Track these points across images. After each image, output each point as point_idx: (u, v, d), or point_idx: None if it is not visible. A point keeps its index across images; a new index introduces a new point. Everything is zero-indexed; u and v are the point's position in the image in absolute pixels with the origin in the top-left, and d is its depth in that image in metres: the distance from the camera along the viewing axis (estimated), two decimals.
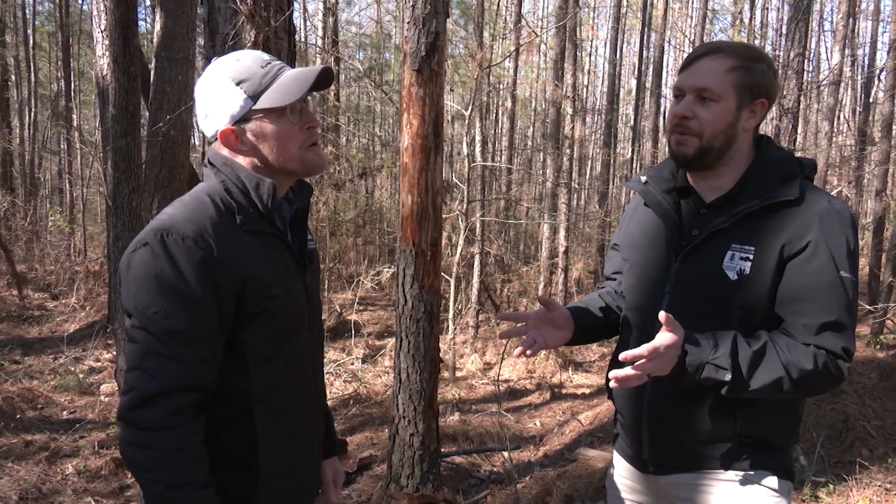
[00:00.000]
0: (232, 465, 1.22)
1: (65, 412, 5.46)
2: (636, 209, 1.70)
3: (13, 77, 17.42)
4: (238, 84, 1.20)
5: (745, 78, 1.42)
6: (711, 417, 1.43)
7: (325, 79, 1.26)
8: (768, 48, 15.26)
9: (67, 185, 18.14)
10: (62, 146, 18.46)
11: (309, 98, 1.30)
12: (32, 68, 16.84)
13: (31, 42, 16.84)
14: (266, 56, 1.26)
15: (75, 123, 17.39)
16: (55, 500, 3.84)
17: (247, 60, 1.23)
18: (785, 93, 6.08)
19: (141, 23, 19.89)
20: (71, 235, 14.55)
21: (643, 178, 1.62)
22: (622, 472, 1.69)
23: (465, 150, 6.86)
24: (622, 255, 1.70)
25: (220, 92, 1.21)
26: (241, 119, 1.21)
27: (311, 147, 1.27)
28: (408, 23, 3.41)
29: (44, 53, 20.60)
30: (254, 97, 1.20)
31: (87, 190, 16.64)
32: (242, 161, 1.25)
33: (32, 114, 16.63)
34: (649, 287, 1.55)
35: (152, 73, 5.69)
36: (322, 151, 1.31)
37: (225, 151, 1.26)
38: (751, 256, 1.39)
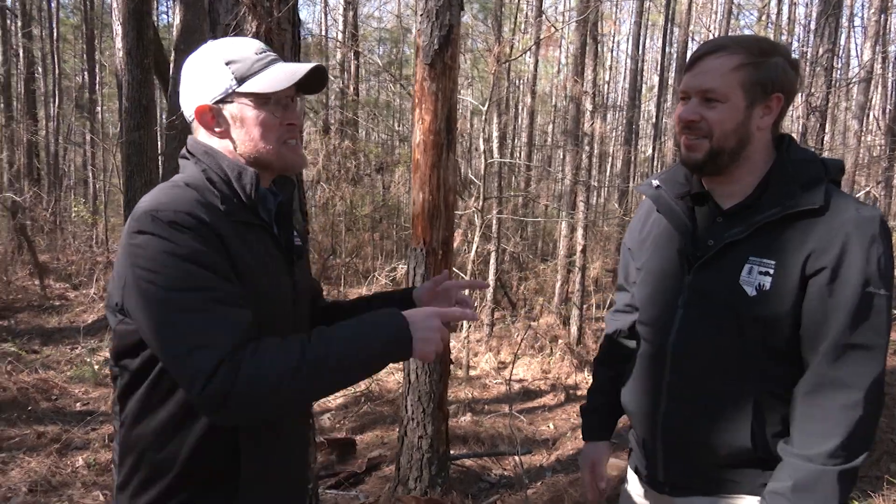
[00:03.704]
0: (212, 480, 1.16)
1: (78, 404, 5.48)
2: (648, 214, 1.60)
3: (39, 69, 17.67)
4: (227, 64, 1.18)
5: (753, 75, 1.31)
6: (730, 439, 1.34)
7: (317, 80, 1.23)
8: (795, 45, 14.92)
9: (91, 177, 18.38)
10: (86, 137, 18.69)
11: (298, 100, 1.27)
12: (56, 60, 17.03)
13: (56, 34, 17.03)
14: (264, 46, 1.23)
15: (99, 115, 17.58)
16: (64, 492, 3.83)
17: (242, 44, 1.21)
18: (813, 90, 5.90)
19: (164, 17, 20.09)
20: (93, 226, 14.71)
21: (655, 183, 1.52)
22: (636, 490, 1.62)
23: (482, 146, 6.76)
24: (636, 264, 1.61)
25: (207, 70, 1.19)
26: (222, 99, 1.18)
27: (288, 143, 1.22)
28: (420, 15, 3.33)
29: (69, 46, 20.85)
30: (240, 80, 1.18)
31: (109, 181, 16.82)
32: (221, 148, 1.22)
33: (56, 106, 16.83)
34: (662, 300, 1.46)
35: (171, 66, 5.68)
36: (301, 150, 1.25)
37: (204, 138, 1.23)
38: (771, 271, 1.28)
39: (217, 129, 1.21)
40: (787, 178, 1.33)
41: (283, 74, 1.17)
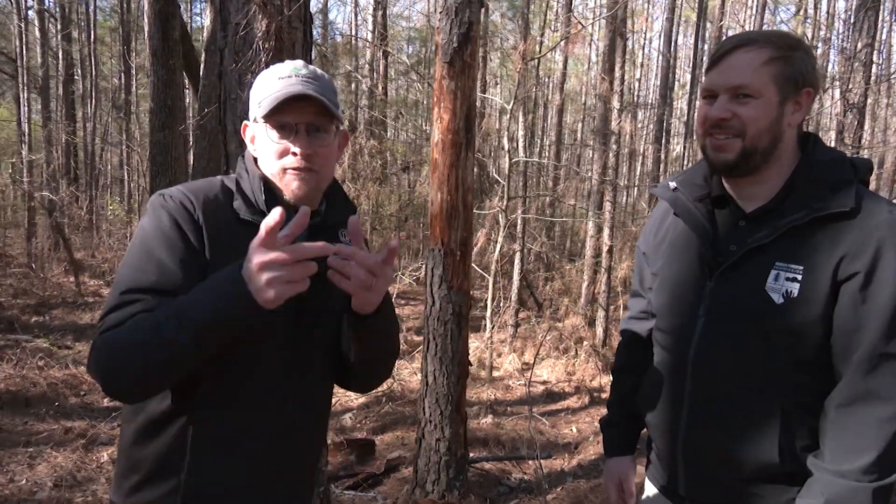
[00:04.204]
0: (156, 474, 1.16)
1: (105, 399, 5.57)
2: (664, 217, 1.53)
3: (79, 71, 18.11)
4: (260, 87, 1.24)
5: (785, 69, 1.25)
6: (756, 453, 1.27)
7: (318, 108, 1.19)
8: (835, 40, 14.46)
9: (126, 176, 18.79)
10: (123, 137, 19.11)
11: (327, 128, 1.21)
12: (93, 62, 17.43)
13: (93, 37, 17.43)
14: (301, 70, 1.22)
15: (134, 116, 17.96)
16: (88, 488, 3.89)
17: (280, 68, 1.23)
18: (851, 86, 5.69)
19: (197, 18, 20.43)
20: (128, 224, 15.01)
21: (672, 185, 1.45)
22: (657, 503, 1.54)
23: (506, 145, 6.68)
24: (651, 269, 1.53)
25: (253, 90, 1.26)
26: (255, 119, 1.24)
27: (291, 171, 1.19)
28: (440, 13, 3.29)
29: (106, 48, 21.33)
30: (258, 103, 1.22)
31: (142, 181, 17.15)
32: (259, 162, 1.27)
33: (92, 106, 17.24)
34: (681, 307, 1.39)
35: (202, 66, 5.73)
36: (312, 183, 1.21)
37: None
38: (799, 277, 1.21)
39: (253, 146, 1.27)
40: (814, 179, 1.26)
41: (271, 98, 1.17)
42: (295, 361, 1.24)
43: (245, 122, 1.28)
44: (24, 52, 14.10)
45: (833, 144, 7.48)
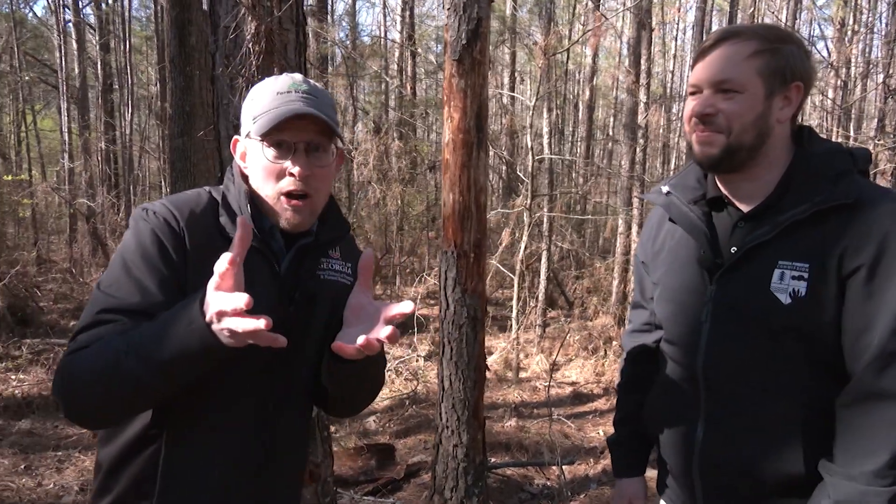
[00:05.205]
0: (127, 498, 1.13)
1: None
2: (660, 224, 1.47)
3: (115, 80, 18.58)
4: (253, 101, 1.18)
5: (772, 62, 1.19)
6: (780, 465, 1.20)
7: (319, 126, 1.13)
8: (878, 25, 13.85)
9: (163, 182, 19.22)
10: (160, 144, 19.53)
11: (331, 148, 1.16)
12: (129, 71, 17.86)
13: (128, 46, 17.85)
14: (301, 85, 1.15)
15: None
16: None
17: (277, 82, 1.17)
18: (891, 71, 5.42)
19: None
20: None
21: (664, 189, 1.40)
22: None
23: (529, 143, 6.56)
24: (652, 279, 1.47)
25: (246, 104, 1.20)
26: (247, 135, 1.17)
27: (287, 199, 1.13)
28: (447, 9, 3.21)
29: (143, 57, 21.83)
30: (253, 119, 1.15)
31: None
32: (249, 178, 1.21)
33: (129, 114, 17.67)
34: (685, 315, 1.33)
35: None
36: (302, 209, 1.14)
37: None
38: (805, 275, 1.15)
39: (244, 164, 1.20)
40: (812, 172, 1.20)
41: (269, 117, 1.10)
42: (274, 387, 1.19)
43: (236, 136, 1.22)
44: (64, 63, 14.54)
45: (873, 133, 7.13)
